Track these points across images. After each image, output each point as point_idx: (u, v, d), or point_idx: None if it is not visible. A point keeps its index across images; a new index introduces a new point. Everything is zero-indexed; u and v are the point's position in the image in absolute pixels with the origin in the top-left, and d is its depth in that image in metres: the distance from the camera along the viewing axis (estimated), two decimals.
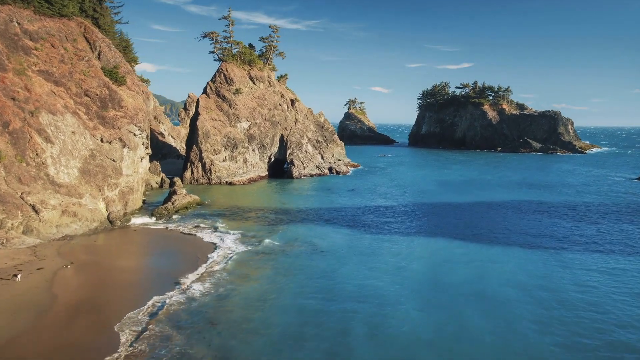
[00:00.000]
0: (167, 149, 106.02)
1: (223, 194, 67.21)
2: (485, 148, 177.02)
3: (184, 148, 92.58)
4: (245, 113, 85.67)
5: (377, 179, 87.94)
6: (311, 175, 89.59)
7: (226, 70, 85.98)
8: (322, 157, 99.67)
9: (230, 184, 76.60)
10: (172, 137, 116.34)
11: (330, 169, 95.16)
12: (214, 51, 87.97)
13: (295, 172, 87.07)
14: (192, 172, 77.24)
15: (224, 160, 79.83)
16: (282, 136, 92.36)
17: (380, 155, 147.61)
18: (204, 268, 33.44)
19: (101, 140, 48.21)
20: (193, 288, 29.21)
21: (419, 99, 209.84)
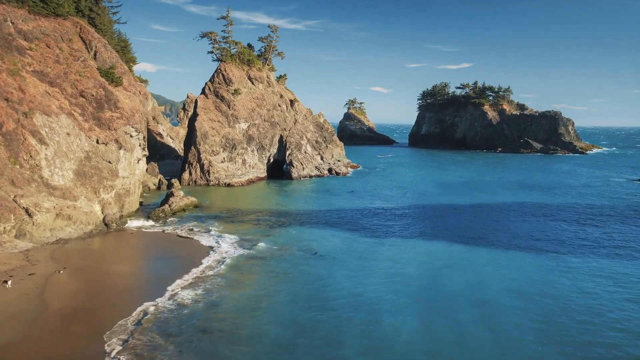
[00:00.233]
0: (166, 149, 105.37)
1: (221, 195, 66.56)
2: (486, 148, 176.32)
3: (183, 149, 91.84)
4: (244, 114, 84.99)
5: (377, 180, 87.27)
6: (310, 176, 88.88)
7: (225, 70, 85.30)
8: (322, 158, 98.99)
9: (229, 185, 75.90)
10: (171, 138, 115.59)
11: (330, 170, 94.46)
12: (212, 51, 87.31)
13: (295, 173, 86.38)
14: (190, 174, 76.58)
15: (222, 162, 79.16)
16: (281, 137, 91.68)
17: (380, 155, 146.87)
18: (198, 273, 32.81)
19: (97, 142, 47.54)
20: (186, 294, 28.59)
21: (419, 99, 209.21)
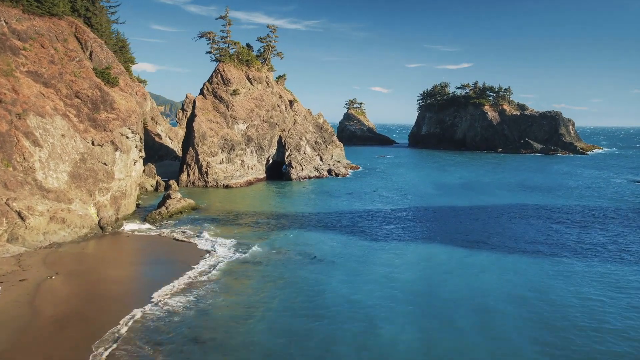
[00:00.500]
0: (164, 150, 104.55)
1: (219, 197, 65.78)
2: (486, 149, 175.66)
3: (182, 149, 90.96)
4: (243, 114, 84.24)
5: (377, 181, 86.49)
6: (310, 177, 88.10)
7: (223, 70, 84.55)
8: (321, 159, 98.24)
9: (227, 186, 75.13)
10: (170, 139, 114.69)
11: (329, 171, 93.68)
12: (210, 51, 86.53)
13: (294, 175, 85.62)
14: (188, 175, 75.82)
15: (220, 163, 78.40)
16: (281, 138, 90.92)
17: (380, 156, 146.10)
18: (191, 278, 32.04)
19: (92, 144, 46.79)
20: (178, 301, 27.87)
21: (419, 100, 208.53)
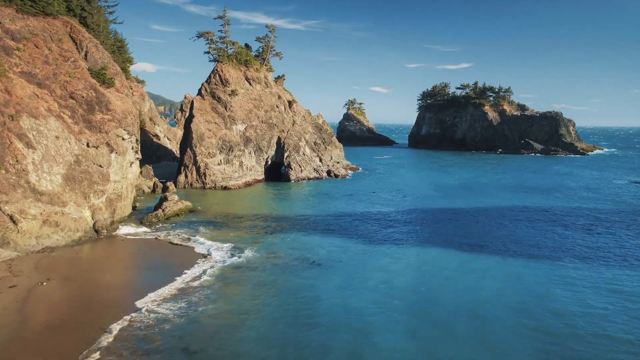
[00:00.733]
0: (163, 151, 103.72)
1: (217, 199, 64.97)
2: (486, 149, 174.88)
3: (179, 150, 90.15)
4: (241, 115, 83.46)
5: (376, 183, 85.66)
6: (309, 178, 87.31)
7: (221, 71, 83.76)
8: (321, 160, 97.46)
9: (226, 188, 74.33)
10: (168, 139, 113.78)
11: (329, 172, 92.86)
12: (208, 51, 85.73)
13: (293, 176, 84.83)
14: (186, 176, 75.03)
15: (219, 164, 77.61)
16: (279, 138, 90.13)
17: (380, 157, 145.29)
18: (184, 284, 31.33)
19: (87, 145, 45.98)
20: (169, 308, 27.19)
21: (418, 100, 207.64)
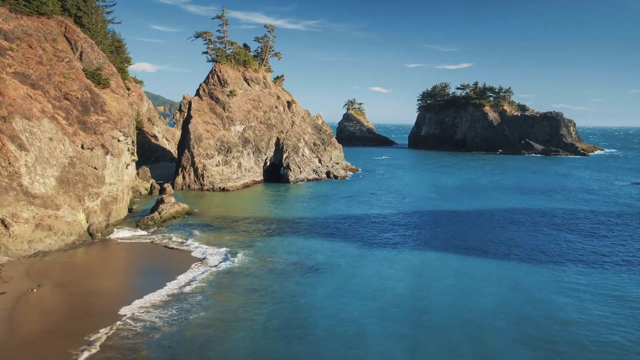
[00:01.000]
0: (161, 152, 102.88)
1: (214, 201, 64.13)
2: (486, 150, 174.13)
3: (177, 151, 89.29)
4: (240, 116, 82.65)
5: (376, 184, 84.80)
6: (308, 180, 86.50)
7: (220, 71, 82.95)
8: (320, 161, 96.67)
9: (224, 189, 73.52)
10: (167, 140, 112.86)
11: (328, 173, 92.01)
12: (207, 52, 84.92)
13: (292, 177, 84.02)
14: (184, 178, 74.24)
15: (217, 165, 76.81)
16: (278, 139, 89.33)
17: (379, 157, 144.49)
18: (176, 290, 30.63)
19: (82, 147, 45.18)
20: (158, 315, 26.55)
21: (418, 100, 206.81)
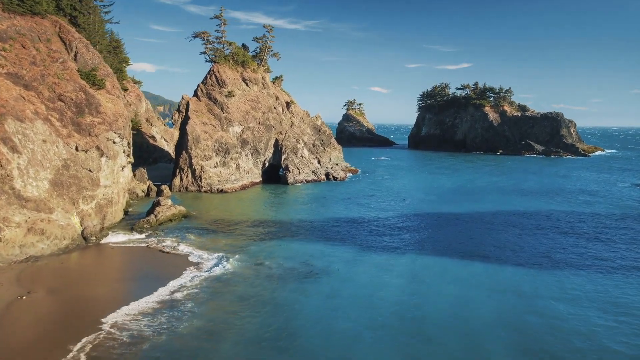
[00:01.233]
0: (159, 153, 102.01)
1: (212, 203, 63.29)
2: (487, 150, 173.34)
3: (175, 153, 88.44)
4: (238, 117, 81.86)
5: (376, 186, 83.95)
6: (307, 181, 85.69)
7: (218, 71, 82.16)
8: (319, 162, 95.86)
9: (222, 191, 72.71)
10: (165, 141, 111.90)
11: (327, 174, 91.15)
12: (205, 52, 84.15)
13: (291, 178, 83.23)
14: (182, 179, 73.44)
15: (215, 166, 76.01)
16: (277, 140, 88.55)
17: (379, 158, 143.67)
18: (166, 297, 29.95)
19: (76, 149, 44.39)
20: (147, 323, 25.97)
21: (418, 100, 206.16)
